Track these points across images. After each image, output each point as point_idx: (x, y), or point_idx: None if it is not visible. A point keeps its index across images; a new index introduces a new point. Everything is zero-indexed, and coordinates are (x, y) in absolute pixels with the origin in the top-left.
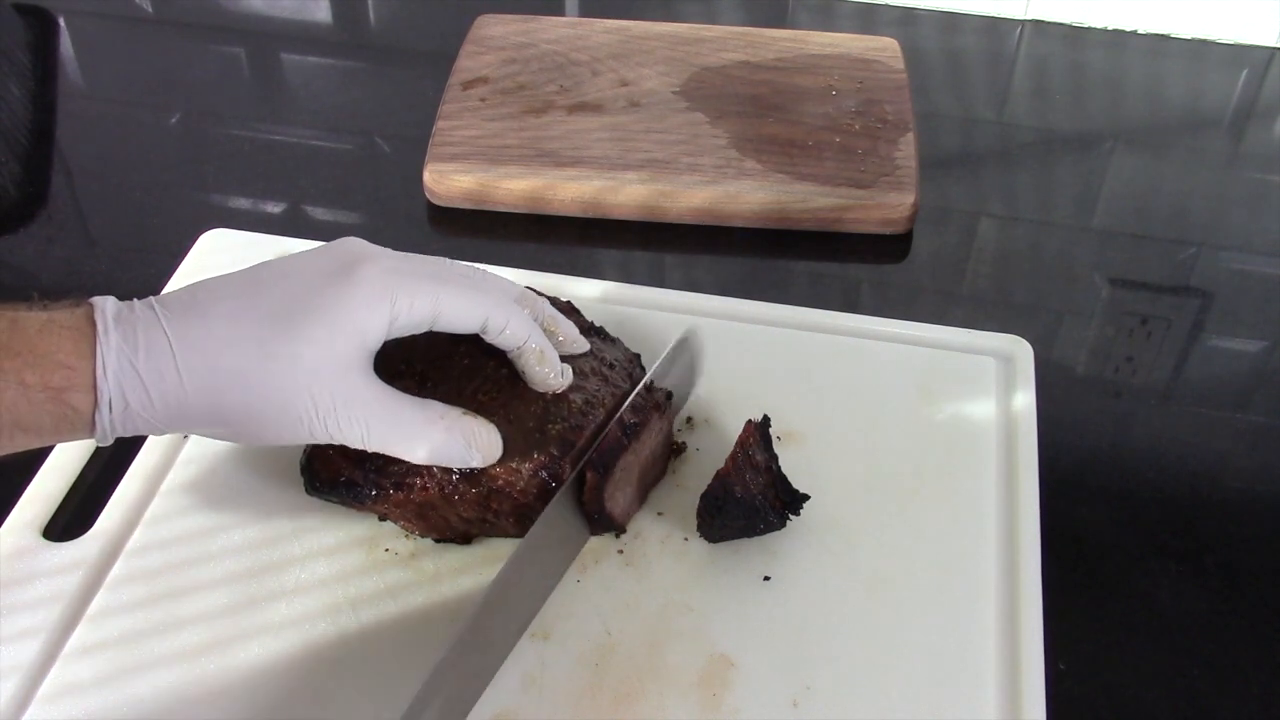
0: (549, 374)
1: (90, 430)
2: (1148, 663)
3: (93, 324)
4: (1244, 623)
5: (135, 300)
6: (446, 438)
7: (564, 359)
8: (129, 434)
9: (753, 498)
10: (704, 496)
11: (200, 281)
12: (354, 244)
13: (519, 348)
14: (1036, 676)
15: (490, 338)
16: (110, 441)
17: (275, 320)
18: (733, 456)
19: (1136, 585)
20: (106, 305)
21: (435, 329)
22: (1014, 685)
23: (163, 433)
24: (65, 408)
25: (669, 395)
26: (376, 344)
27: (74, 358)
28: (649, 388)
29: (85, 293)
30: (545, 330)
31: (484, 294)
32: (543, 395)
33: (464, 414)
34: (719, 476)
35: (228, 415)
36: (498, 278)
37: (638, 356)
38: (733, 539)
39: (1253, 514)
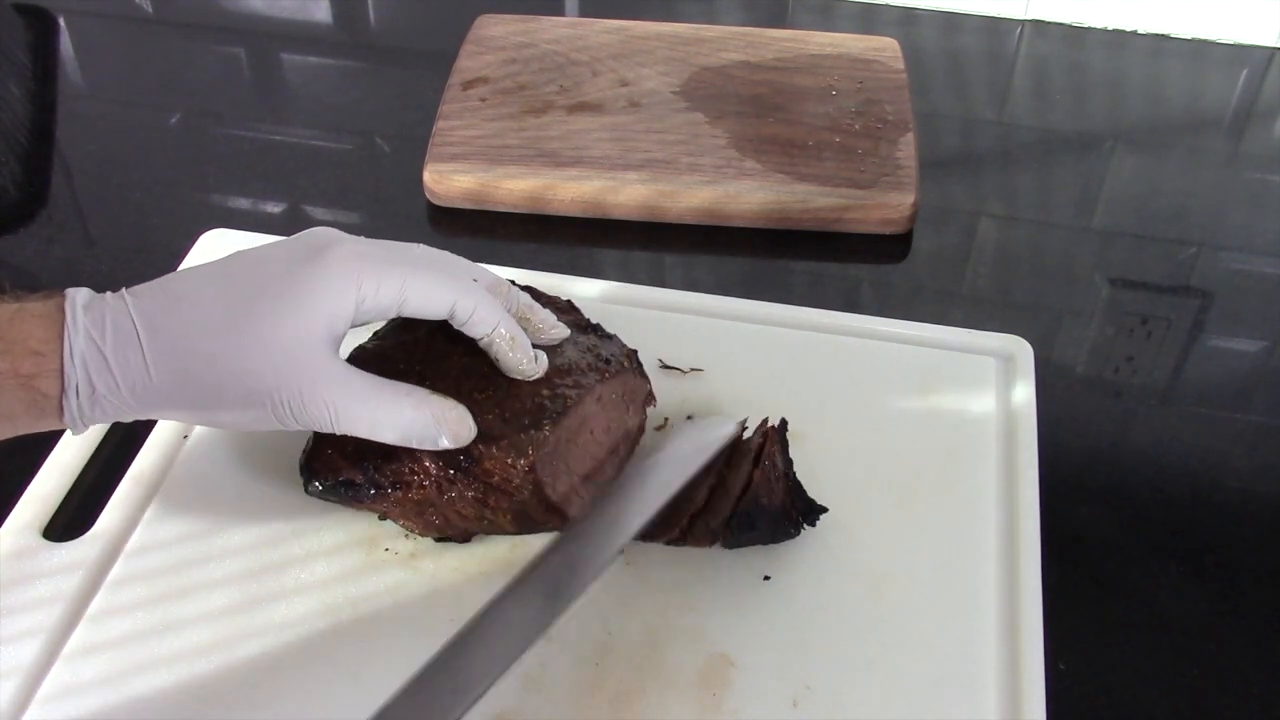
0: (521, 360)
1: (60, 416)
2: (1148, 663)
3: (63, 312)
4: (1244, 623)
5: (109, 292)
6: (414, 415)
7: (558, 349)
8: (99, 421)
9: (776, 507)
10: (737, 513)
11: (174, 272)
12: (323, 232)
13: (489, 334)
14: (1036, 676)
15: (459, 324)
16: (82, 429)
17: (242, 303)
18: (761, 467)
19: (1136, 585)
20: (78, 295)
21: (402, 314)
22: (1014, 685)
23: (132, 418)
24: (35, 394)
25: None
26: (344, 327)
27: (43, 344)
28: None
29: None
30: (521, 319)
31: (452, 279)
32: (538, 393)
33: (430, 394)
34: (748, 489)
35: (194, 398)
36: (470, 264)
37: (634, 352)
38: (750, 545)
39: (1253, 514)
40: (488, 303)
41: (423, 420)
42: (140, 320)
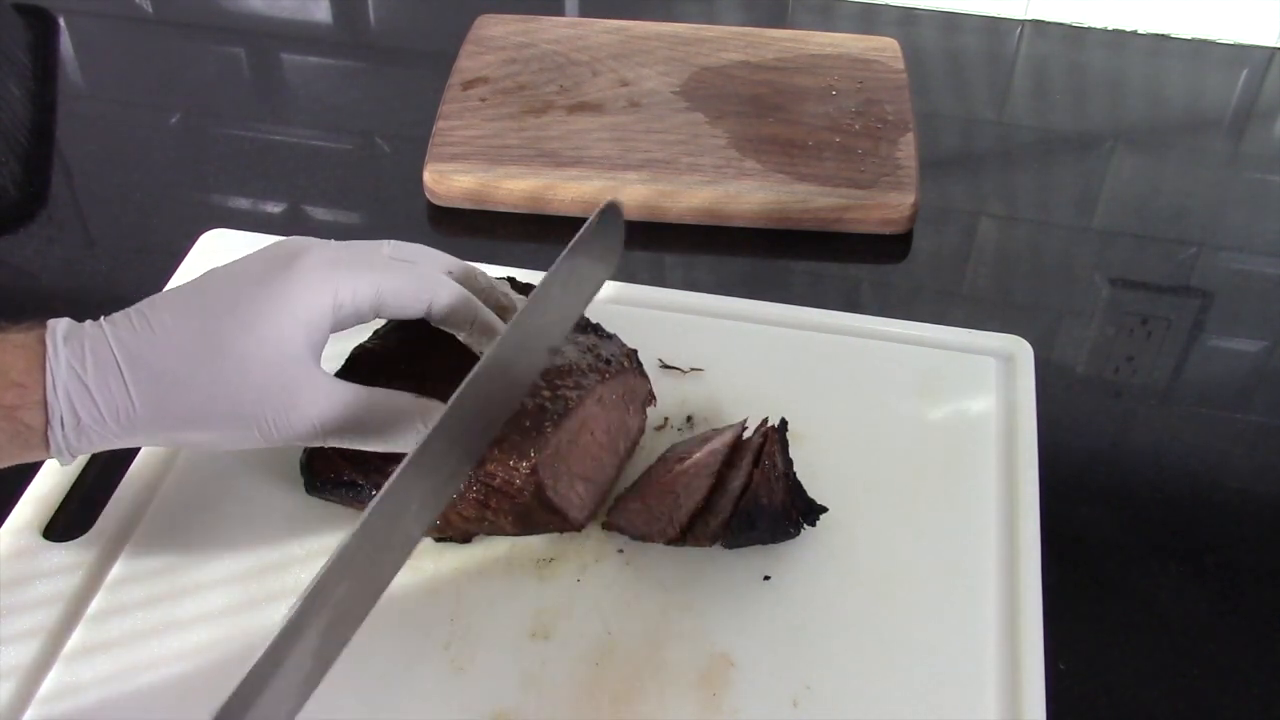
0: None
1: (45, 447)
2: (1148, 663)
3: (43, 344)
4: (1244, 623)
5: (88, 320)
6: (402, 424)
7: (559, 350)
8: (86, 450)
9: (776, 507)
10: (737, 513)
11: (150, 297)
12: (291, 242)
13: (467, 330)
14: (1036, 676)
15: (436, 321)
16: (69, 460)
17: (218, 324)
18: (761, 467)
19: (1136, 585)
20: (58, 326)
21: (380, 316)
22: (1014, 685)
23: (118, 446)
24: (18, 425)
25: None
26: (323, 336)
27: (24, 376)
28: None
29: (85, 293)
30: (498, 309)
31: (427, 279)
32: (539, 394)
33: (417, 399)
34: (748, 489)
35: (179, 424)
36: (442, 255)
37: (634, 352)
38: (750, 545)
39: (1253, 514)
40: (463, 298)
41: (411, 429)
42: (119, 350)
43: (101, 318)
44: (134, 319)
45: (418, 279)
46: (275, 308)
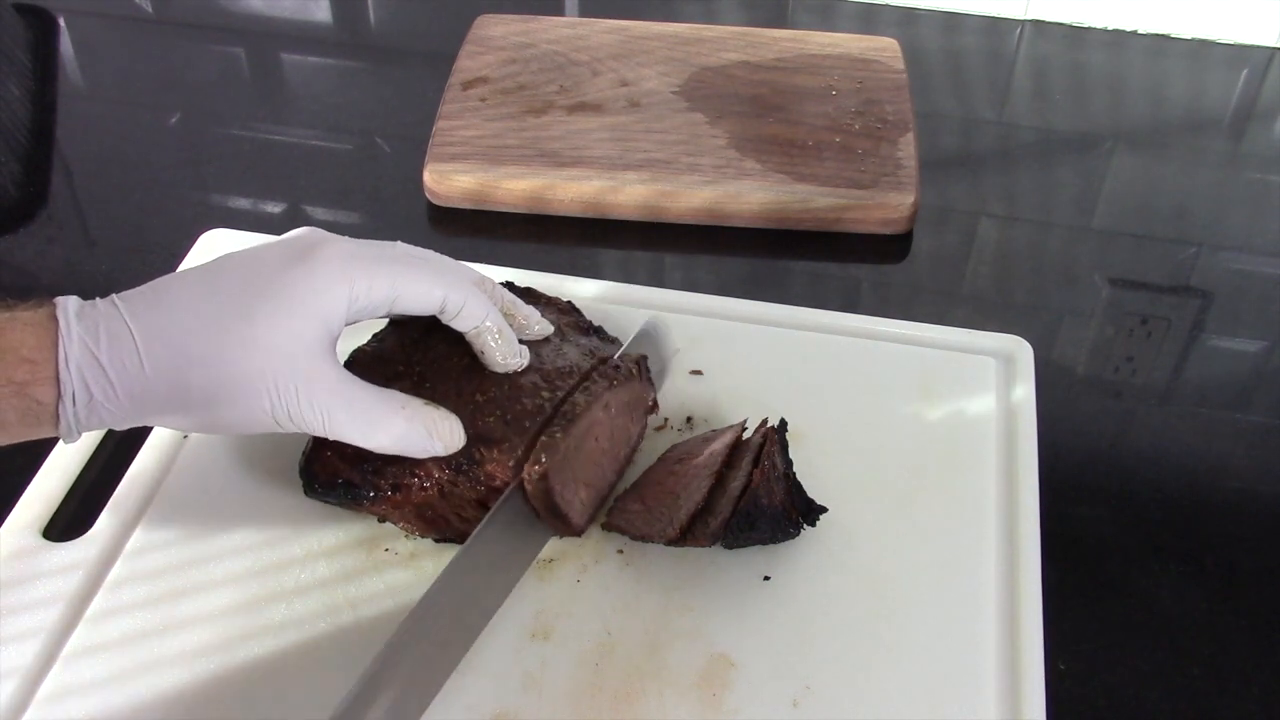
0: (507, 353)
1: (55, 424)
2: (1148, 663)
3: (55, 320)
4: (1244, 623)
5: (98, 298)
6: (407, 427)
7: (560, 350)
8: (94, 428)
9: (776, 507)
10: (737, 513)
11: (164, 277)
12: (312, 232)
13: (476, 328)
14: (1036, 677)
15: (448, 319)
16: (76, 437)
17: (236, 305)
18: (761, 467)
19: (1136, 585)
20: (69, 303)
21: (394, 311)
22: (1014, 685)
23: (127, 425)
24: (29, 401)
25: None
26: (338, 327)
27: (36, 352)
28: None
29: (85, 293)
30: (506, 315)
31: (441, 275)
32: (538, 394)
33: (425, 404)
34: (748, 489)
35: (191, 402)
36: (455, 263)
37: (643, 358)
38: (750, 545)
39: (1253, 514)
40: (476, 297)
41: (415, 431)
42: (135, 325)
43: (114, 295)
44: (149, 295)
45: (433, 275)
46: (293, 296)
